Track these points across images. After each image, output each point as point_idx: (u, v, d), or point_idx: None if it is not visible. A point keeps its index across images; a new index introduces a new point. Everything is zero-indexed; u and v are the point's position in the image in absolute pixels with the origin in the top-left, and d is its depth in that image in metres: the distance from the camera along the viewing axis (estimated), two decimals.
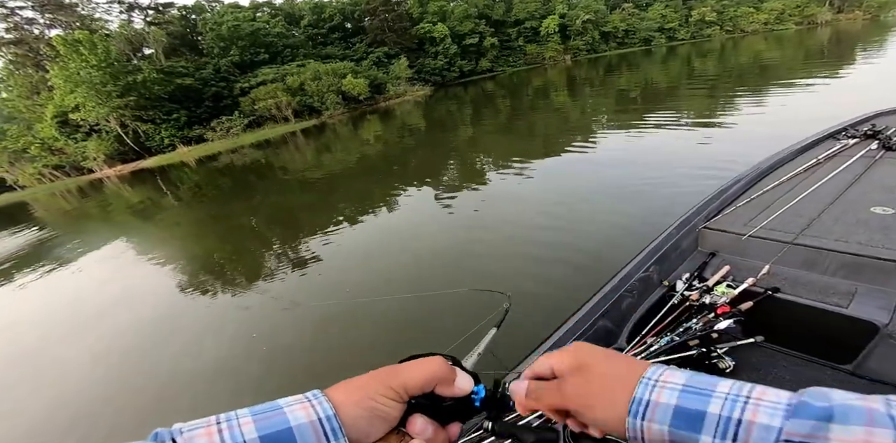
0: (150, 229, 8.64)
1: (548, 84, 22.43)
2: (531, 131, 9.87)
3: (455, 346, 1.47)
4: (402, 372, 0.31)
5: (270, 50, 31.23)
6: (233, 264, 5.14)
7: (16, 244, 9.80)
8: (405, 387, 0.30)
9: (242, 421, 0.26)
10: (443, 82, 40.04)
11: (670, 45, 43.67)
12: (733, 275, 1.61)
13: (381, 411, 0.29)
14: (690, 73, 15.80)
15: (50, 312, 4.84)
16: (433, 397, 0.32)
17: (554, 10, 43.47)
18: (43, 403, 2.99)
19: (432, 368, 0.32)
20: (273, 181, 10.91)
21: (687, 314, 1.47)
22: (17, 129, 27.72)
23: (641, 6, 47.83)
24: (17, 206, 20.47)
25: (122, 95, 24.27)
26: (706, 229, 1.84)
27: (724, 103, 8.33)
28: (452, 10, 40.24)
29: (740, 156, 4.40)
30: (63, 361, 3.56)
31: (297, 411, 0.27)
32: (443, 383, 0.32)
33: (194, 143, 26.78)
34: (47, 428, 2.68)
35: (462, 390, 0.33)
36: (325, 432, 0.27)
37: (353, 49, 36.45)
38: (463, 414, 0.34)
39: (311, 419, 0.27)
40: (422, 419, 0.31)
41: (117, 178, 22.40)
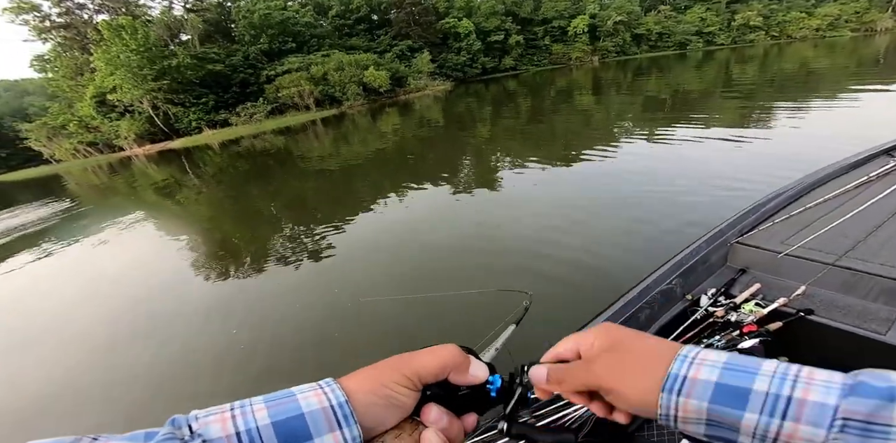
0: (171, 207, 9.02)
1: (572, 85, 21.89)
2: (552, 133, 9.55)
3: (473, 343, 1.47)
4: (414, 359, 0.31)
5: (298, 39, 31.86)
6: (242, 246, 5.27)
7: (45, 213, 10.43)
8: (418, 374, 0.30)
9: (256, 408, 0.26)
10: (464, 78, 39.82)
11: (708, 49, 41.67)
12: (763, 293, 1.54)
13: (395, 399, 0.29)
14: (727, 80, 14.88)
15: (66, 281, 5.14)
16: (448, 387, 0.31)
17: (584, 10, 42.28)
18: (58, 367, 3.20)
19: (445, 354, 0.31)
20: (290, 167, 11.14)
21: (710, 331, 1.43)
22: (59, 107, 29.38)
23: (679, 9, 45.96)
24: (51, 178, 21.76)
25: (156, 79, 25.36)
26: (738, 245, 1.77)
27: (761, 113, 7.81)
28: (479, 6, 39.90)
29: (774, 169, 4.21)
30: (77, 330, 3.76)
31: (310, 397, 0.27)
32: (457, 371, 0.31)
33: (219, 126, 27.73)
34: (65, 391, 2.82)
35: (477, 377, 0.32)
36: (337, 418, 0.27)
37: (377, 41, 36.75)
38: (479, 405, 0.33)
39: (324, 406, 0.27)
40: (436, 408, 0.31)
41: (145, 156, 23.42)
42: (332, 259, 4.11)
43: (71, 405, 2.63)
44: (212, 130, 27.15)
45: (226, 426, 0.25)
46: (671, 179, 4.70)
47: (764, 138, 5.92)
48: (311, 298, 3.44)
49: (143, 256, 5.61)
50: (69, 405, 2.63)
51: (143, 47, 24.43)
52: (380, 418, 0.29)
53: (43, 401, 2.70)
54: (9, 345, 3.61)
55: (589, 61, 43.10)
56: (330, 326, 2.91)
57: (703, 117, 8.21)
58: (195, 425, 0.25)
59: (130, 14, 27.85)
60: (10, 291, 5.13)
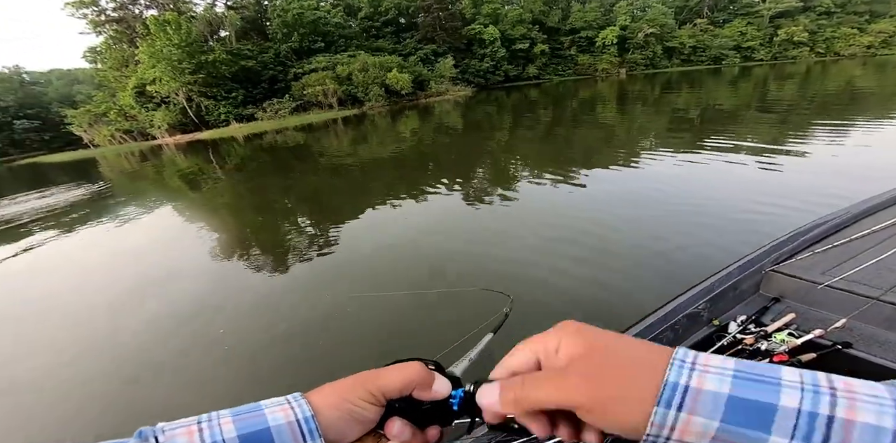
0: (193, 195, 9.47)
1: (596, 97, 21.52)
2: (570, 144, 9.31)
3: (449, 350, 1.46)
4: (380, 376, 0.31)
5: (327, 39, 32.92)
6: (254, 236, 5.48)
7: (76, 195, 11.09)
8: (382, 391, 0.31)
9: (223, 421, 0.27)
10: (486, 85, 40.03)
11: (745, 65, 39.92)
12: (797, 324, 1.50)
13: (358, 413, 0.30)
14: (763, 98, 14.10)
15: (88, 258, 5.49)
16: (411, 401, 0.32)
17: (615, 22, 41.60)
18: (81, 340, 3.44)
19: (409, 372, 0.32)
20: (309, 163, 11.47)
21: (736, 357, 1.42)
22: (103, 95, 31.31)
23: (718, 22, 44.18)
24: (88, 161, 23.11)
25: (193, 72, 26.71)
26: (774, 273, 1.72)
27: (798, 134, 7.27)
28: (506, 14, 40.12)
29: (809, 195, 4.02)
30: (97, 306, 4.03)
31: (277, 412, 0.28)
32: (420, 387, 0.32)
33: (246, 120, 28.86)
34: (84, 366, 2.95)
35: (439, 393, 0.32)
36: (303, 432, 0.27)
37: (402, 44, 37.47)
38: (442, 418, 0.34)
39: (290, 420, 0.27)
40: (399, 422, 0.31)
41: (175, 146, 24.58)
42: (335, 256, 4.22)
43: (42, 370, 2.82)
44: (238, 124, 28.28)
45: (192, 439, 0.25)
46: (693, 198, 4.49)
47: (799, 162, 5.57)
48: (310, 294, 3.51)
49: (158, 239, 5.93)
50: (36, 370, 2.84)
51: (185, 42, 25.81)
52: (343, 431, 0.29)
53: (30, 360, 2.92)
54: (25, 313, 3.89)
55: (616, 73, 42.34)
56: (326, 323, 2.97)
57: (733, 136, 7.63)
58: (161, 437, 0.25)
59: (177, 10, 29.48)
60: (28, 264, 5.50)
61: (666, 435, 0.21)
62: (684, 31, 43.06)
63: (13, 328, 3.63)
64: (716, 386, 0.21)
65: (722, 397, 0.20)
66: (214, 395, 2.40)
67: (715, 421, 0.20)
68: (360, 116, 26.44)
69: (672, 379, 0.22)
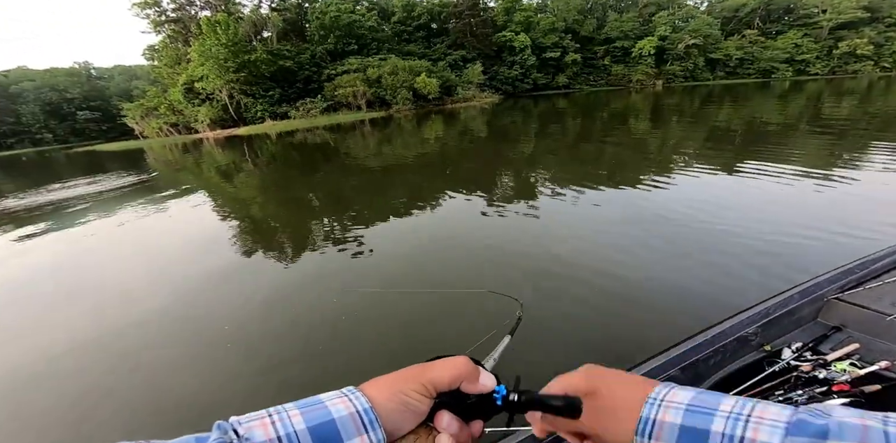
0: (226, 186, 10.14)
1: (628, 109, 20.61)
2: (598, 157, 8.94)
3: (470, 351, 1.46)
4: (430, 369, 0.33)
5: (360, 42, 34.13)
6: (277, 229, 5.83)
7: (124, 182, 12.12)
8: (433, 383, 0.32)
9: (291, 414, 0.29)
10: (513, 92, 39.97)
11: (797, 79, 37.15)
12: (861, 354, 1.46)
13: (412, 405, 0.32)
14: (815, 115, 12.93)
15: (130, 241, 6.03)
16: (458, 395, 0.34)
17: (654, 32, 40.26)
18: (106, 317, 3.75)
19: (459, 366, 0.34)
20: (335, 162, 11.86)
21: (787, 385, 1.38)
22: (155, 90, 33.92)
23: (770, 33, 41.76)
24: (137, 151, 25.07)
25: (236, 71, 28.52)
26: (838, 301, 1.68)
27: (854, 155, 6.79)
28: (538, 22, 39.96)
29: (859, 222, 3.75)
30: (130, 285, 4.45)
31: (338, 404, 0.30)
32: (468, 381, 0.34)
33: (280, 118, 30.37)
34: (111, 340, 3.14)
35: (486, 387, 0.34)
36: (364, 422, 0.29)
37: (432, 49, 38.18)
38: (485, 412, 0.35)
39: (350, 412, 0.30)
40: (448, 415, 0.33)
41: (214, 140, 26.20)
42: (350, 252, 4.42)
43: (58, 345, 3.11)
44: (273, 121, 29.81)
45: (268, 431, 0.27)
46: (728, 217, 4.25)
47: (854, 184, 5.11)
48: (320, 286, 3.70)
49: (187, 227, 6.44)
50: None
51: (231, 42, 27.63)
52: (398, 422, 0.31)
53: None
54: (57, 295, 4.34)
55: (651, 85, 40.99)
56: (335, 317, 3.09)
57: (779, 155, 7.02)
58: (240, 430, 0.27)
59: (227, 11, 31.61)
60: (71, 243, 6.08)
61: None
62: (731, 43, 41.01)
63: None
64: (672, 418, 0.29)
65: (676, 427, 0.28)
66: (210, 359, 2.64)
67: None
68: (386, 118, 27.16)
69: (644, 415, 0.30)
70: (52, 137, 51.93)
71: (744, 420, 0.26)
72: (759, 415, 0.26)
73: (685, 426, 0.28)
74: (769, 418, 0.26)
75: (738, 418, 0.26)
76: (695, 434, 0.27)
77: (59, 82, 52.30)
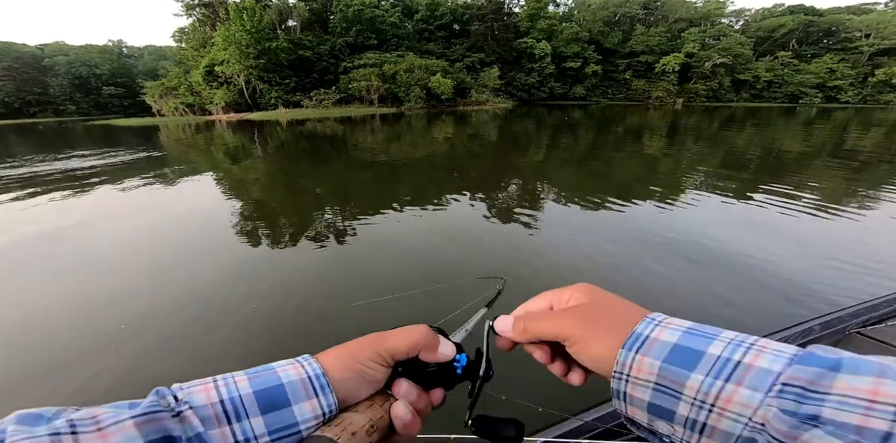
0: (232, 168, 10.30)
1: (644, 125, 19.88)
2: (607, 172, 8.74)
3: (443, 323, 1.51)
4: (387, 338, 0.33)
5: (380, 37, 34.42)
6: (278, 215, 5.79)
7: (135, 157, 12.41)
8: (391, 352, 0.32)
9: (238, 379, 0.28)
10: (528, 99, 39.84)
11: (825, 106, 35.64)
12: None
13: (368, 373, 0.31)
14: (838, 145, 12.49)
15: (134, 211, 6.19)
16: (417, 363, 0.33)
17: (681, 48, 39.47)
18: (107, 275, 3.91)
19: (416, 334, 0.33)
20: (343, 154, 11.88)
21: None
22: (178, 71, 34.66)
23: (804, 56, 40.39)
24: (153, 127, 25.60)
25: (256, 57, 29.01)
26: (859, 335, 1.62)
27: (875, 191, 6.49)
28: (561, 31, 39.83)
29: (868, 261, 3.61)
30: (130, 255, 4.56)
31: (289, 370, 0.29)
32: (426, 349, 0.33)
33: (292, 106, 30.77)
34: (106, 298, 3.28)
35: (445, 355, 0.34)
36: (315, 388, 0.29)
37: (451, 49, 38.32)
38: (446, 381, 0.35)
39: (301, 377, 0.29)
40: (406, 383, 0.33)
41: (226, 122, 26.65)
42: (347, 246, 4.36)
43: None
44: (285, 109, 30.23)
45: (210, 395, 0.27)
46: (733, 246, 4.09)
47: (868, 220, 4.92)
48: (320, 284, 3.51)
49: (187, 203, 6.55)
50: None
51: (255, 28, 28.11)
52: (353, 390, 0.31)
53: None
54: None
55: (671, 102, 40.28)
56: (327, 316, 2.93)
57: (793, 185, 6.81)
58: (180, 394, 0.27)
59: None
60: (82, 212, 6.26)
61: (626, 373, 0.27)
62: (762, 64, 39.78)
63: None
64: (668, 337, 0.27)
65: (669, 345, 0.27)
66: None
67: (658, 361, 0.26)
68: (397, 114, 27.30)
69: (639, 330, 0.28)
70: (74, 108, 53.35)
71: (745, 346, 0.25)
72: (763, 345, 0.25)
73: (680, 345, 0.26)
74: (773, 347, 0.24)
75: (740, 344, 0.25)
76: (687, 353, 0.26)
77: (92, 58, 53.88)
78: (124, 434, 0.23)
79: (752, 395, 0.23)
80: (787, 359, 0.23)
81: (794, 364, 0.23)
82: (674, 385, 0.25)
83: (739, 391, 0.23)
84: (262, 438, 0.26)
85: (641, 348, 0.27)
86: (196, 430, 0.25)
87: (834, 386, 0.21)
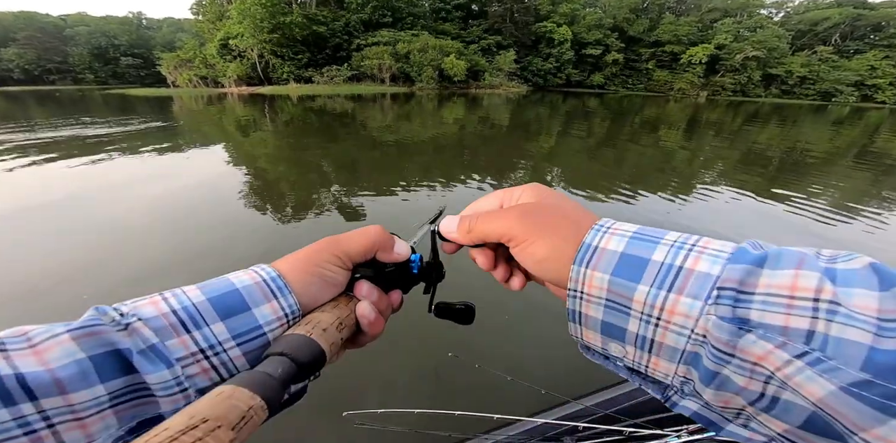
0: (241, 140, 10.44)
1: (662, 118, 18.92)
2: (619, 163, 8.47)
3: None
4: (343, 240, 0.32)
5: (396, 15, 33.64)
6: (283, 188, 5.79)
7: (152, 126, 12.67)
8: (348, 254, 0.31)
9: (187, 290, 0.26)
10: (543, 85, 38.76)
11: (859, 105, 33.78)
12: None
13: (328, 276, 0.30)
14: (865, 147, 11.78)
15: (148, 176, 6.38)
16: (375, 265, 0.33)
17: (711, 39, 37.37)
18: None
19: (371, 234, 0.33)
20: (351, 131, 11.76)
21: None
22: (193, 43, 34.70)
23: (846, 52, 37.76)
24: (167, 98, 25.93)
25: (270, 31, 28.77)
26: None
27: (891, 198, 6.19)
28: (584, 16, 38.31)
29: None
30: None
31: (242, 276, 0.28)
32: (383, 249, 0.33)
33: (304, 82, 30.66)
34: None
35: (401, 255, 0.34)
36: (272, 289, 0.28)
37: (468, 31, 37.21)
38: (403, 282, 0.35)
39: (256, 281, 0.28)
40: (367, 284, 0.33)
41: (237, 96, 26.77)
42: (349, 224, 4.30)
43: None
44: (297, 84, 30.14)
45: (159, 307, 0.24)
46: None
47: (875, 233, 4.64)
48: None
49: (196, 172, 6.58)
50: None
51: (271, 2, 27.79)
52: (314, 293, 0.30)
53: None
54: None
55: (694, 95, 38.45)
56: None
57: (811, 187, 6.58)
58: (125, 309, 0.24)
59: None
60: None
61: (580, 290, 0.25)
62: (797, 59, 37.43)
63: None
64: (615, 246, 0.25)
65: (616, 255, 0.24)
66: None
67: (607, 274, 0.24)
68: (408, 94, 26.97)
69: (588, 240, 0.26)
70: (93, 77, 54.23)
71: (687, 249, 0.23)
72: (704, 245, 0.23)
73: (625, 254, 0.24)
74: (713, 247, 0.23)
75: (682, 246, 0.23)
76: (633, 262, 0.24)
77: (111, 29, 54.45)
78: (62, 349, 0.21)
79: (693, 304, 0.21)
80: (724, 260, 0.22)
81: (728, 264, 0.21)
82: (622, 300, 0.24)
83: (681, 301, 0.22)
84: (226, 343, 0.25)
85: (591, 262, 0.25)
86: (150, 341, 0.23)
87: (759, 284, 0.20)
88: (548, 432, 1.17)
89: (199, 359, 0.24)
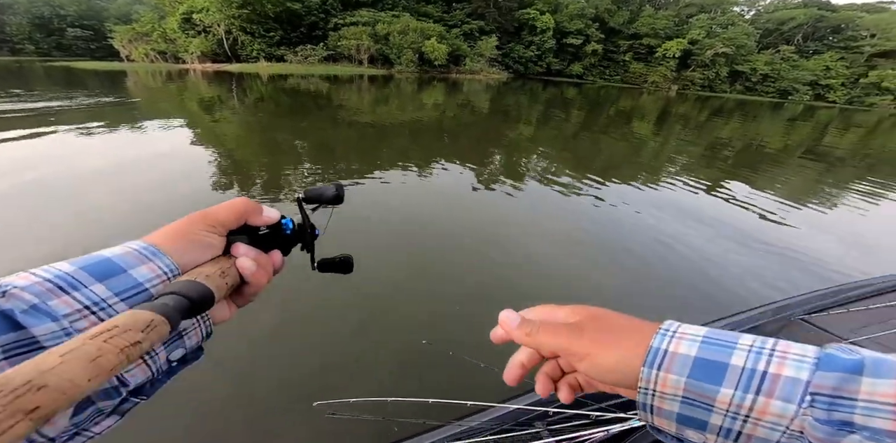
0: (206, 120, 9.67)
1: (635, 110, 19.59)
2: (593, 152, 8.82)
3: None
4: (211, 212, 0.34)
5: None
6: (252, 171, 5.44)
7: (100, 102, 11.47)
8: (219, 221, 0.33)
9: (57, 264, 0.26)
10: (524, 73, 38.65)
11: (812, 104, 35.99)
12: None
13: (203, 241, 0.32)
14: (814, 144, 12.71)
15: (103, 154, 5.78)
16: (249, 229, 0.36)
17: (685, 34, 38.47)
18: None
19: (239, 204, 0.35)
20: (326, 113, 11.31)
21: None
22: (151, 16, 31.53)
23: (806, 52, 39.94)
24: (119, 73, 23.62)
25: (240, 7, 26.62)
26: (802, 322, 1.73)
27: (837, 191, 6.69)
28: (567, 5, 38.13)
29: (820, 254, 3.67)
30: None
31: (114, 249, 0.28)
32: (253, 214, 0.35)
33: (275, 60, 28.84)
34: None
35: (270, 217, 0.36)
36: (146, 255, 0.28)
37: (450, 14, 36.21)
38: (280, 243, 0.38)
39: (127, 251, 0.28)
40: (244, 245, 0.34)
41: (201, 72, 24.85)
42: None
43: None
44: (267, 62, 28.32)
45: (32, 278, 0.24)
46: (684, 231, 4.12)
47: (826, 216, 5.15)
48: None
49: (157, 152, 5.98)
50: None
51: None
52: (193, 257, 0.31)
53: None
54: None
55: (665, 88, 39.75)
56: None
57: (765, 178, 7.07)
58: None
59: None
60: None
61: (651, 389, 0.26)
62: (762, 57, 39.26)
63: None
64: (686, 350, 0.26)
65: (689, 359, 0.25)
66: None
67: (683, 377, 0.25)
68: (387, 77, 26.04)
69: (656, 345, 0.27)
70: (33, 48, 48.40)
71: (767, 354, 0.24)
72: (784, 350, 0.24)
73: (700, 358, 0.25)
74: (794, 352, 0.24)
75: (761, 351, 0.24)
76: (711, 366, 0.25)
77: None
78: None
79: (786, 406, 0.22)
80: (810, 365, 0.23)
81: (819, 371, 0.22)
82: (703, 399, 0.25)
83: (772, 403, 0.23)
84: (110, 299, 0.25)
85: (662, 365, 0.26)
86: (31, 302, 0.23)
87: (860, 391, 0.21)
88: (520, 418, 1.20)
89: (85, 314, 0.24)
